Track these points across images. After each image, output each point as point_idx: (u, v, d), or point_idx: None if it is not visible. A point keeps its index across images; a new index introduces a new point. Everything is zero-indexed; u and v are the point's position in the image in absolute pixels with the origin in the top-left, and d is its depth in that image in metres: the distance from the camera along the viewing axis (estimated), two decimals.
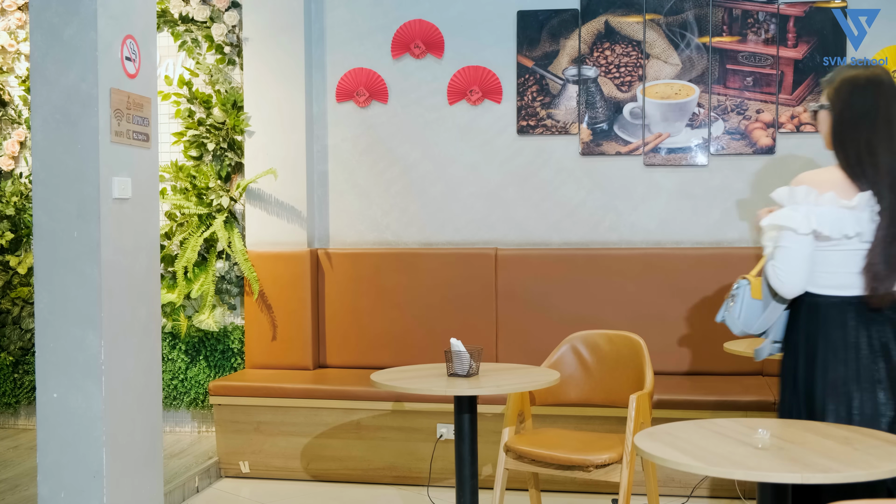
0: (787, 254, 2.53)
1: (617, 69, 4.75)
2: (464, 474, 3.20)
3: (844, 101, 2.52)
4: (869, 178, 2.47)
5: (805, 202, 2.50)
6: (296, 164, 4.92)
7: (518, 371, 3.45)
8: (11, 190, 5.22)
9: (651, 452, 2.20)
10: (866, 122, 2.48)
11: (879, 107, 2.48)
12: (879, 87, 2.50)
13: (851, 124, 2.49)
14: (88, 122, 3.21)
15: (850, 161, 2.50)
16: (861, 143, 2.48)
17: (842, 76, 2.56)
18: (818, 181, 2.53)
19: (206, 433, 5.08)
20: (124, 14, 3.36)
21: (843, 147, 2.52)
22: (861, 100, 2.51)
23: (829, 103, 2.57)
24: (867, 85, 2.51)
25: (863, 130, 2.48)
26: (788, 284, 2.56)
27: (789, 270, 2.54)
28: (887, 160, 2.46)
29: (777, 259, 2.56)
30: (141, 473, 3.45)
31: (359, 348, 4.89)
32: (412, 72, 4.95)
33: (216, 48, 5.03)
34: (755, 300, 2.67)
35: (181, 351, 5.06)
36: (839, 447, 2.24)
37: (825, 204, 2.49)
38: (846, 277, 2.52)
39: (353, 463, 4.45)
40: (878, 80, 2.51)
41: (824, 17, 4.59)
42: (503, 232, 4.89)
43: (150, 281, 3.53)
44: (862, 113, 2.50)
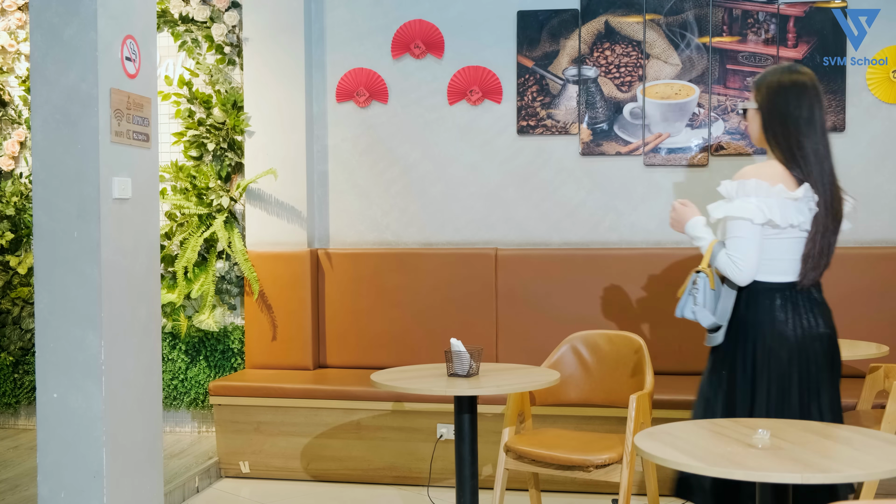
0: (742, 243, 2.69)
1: (617, 69, 4.75)
2: (464, 474, 3.20)
3: (772, 103, 2.75)
4: (802, 169, 2.70)
5: (756, 194, 2.66)
6: (296, 164, 4.92)
7: (518, 371, 3.45)
8: (11, 190, 5.22)
9: (651, 452, 2.20)
10: (791, 122, 2.71)
11: (803, 108, 2.71)
12: (804, 90, 2.73)
13: (780, 123, 2.73)
14: (88, 122, 3.21)
15: (785, 155, 2.73)
16: (791, 139, 2.71)
17: (768, 81, 2.79)
18: (766, 174, 2.70)
19: (207, 433, 5.08)
20: (124, 14, 3.36)
21: (777, 143, 2.75)
22: (786, 102, 2.72)
23: (758, 104, 2.79)
24: (791, 88, 2.74)
25: (791, 128, 2.71)
26: (746, 272, 2.71)
27: (746, 258, 2.69)
28: (813, 153, 2.71)
29: (733, 249, 2.71)
30: (141, 473, 3.45)
31: (359, 348, 4.89)
32: (412, 72, 4.95)
33: (216, 48, 5.03)
34: (711, 291, 2.79)
35: (181, 351, 5.06)
36: (839, 447, 2.24)
37: (775, 195, 2.66)
38: (786, 264, 2.73)
39: (354, 463, 4.45)
40: (802, 84, 2.74)
41: (824, 17, 4.59)
42: (503, 232, 4.89)
43: (150, 281, 3.53)
44: (788, 113, 2.72)
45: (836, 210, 2.74)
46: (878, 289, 4.46)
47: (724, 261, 2.74)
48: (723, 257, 2.75)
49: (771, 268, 2.73)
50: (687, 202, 2.94)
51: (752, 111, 2.83)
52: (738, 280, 2.74)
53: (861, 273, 4.48)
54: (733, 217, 2.70)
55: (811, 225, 2.72)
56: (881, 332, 4.33)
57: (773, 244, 2.72)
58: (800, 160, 2.70)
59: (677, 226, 2.96)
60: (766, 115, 2.77)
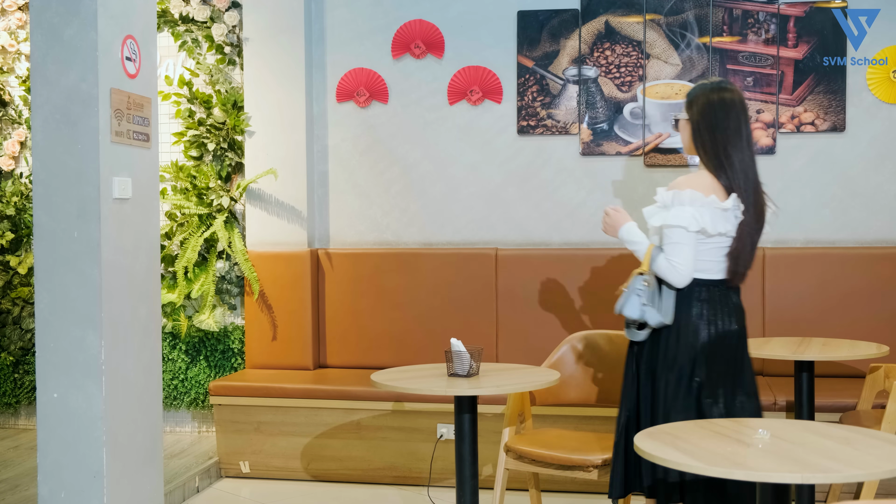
0: (681, 249, 2.89)
1: (617, 69, 4.75)
2: (464, 474, 3.20)
3: (703, 117, 2.97)
4: (728, 177, 2.92)
5: (691, 204, 2.87)
6: (296, 164, 4.93)
7: (518, 371, 3.45)
8: (12, 190, 5.22)
9: (651, 452, 2.20)
10: (720, 134, 2.93)
11: (730, 122, 2.94)
12: (732, 106, 2.96)
13: (710, 134, 2.95)
14: (89, 123, 3.21)
15: (713, 163, 2.94)
16: (719, 150, 2.93)
17: (700, 96, 3.00)
18: (700, 186, 2.90)
19: (207, 433, 5.08)
20: (124, 14, 3.36)
21: (706, 152, 2.96)
22: (716, 116, 2.95)
23: (689, 117, 3.01)
24: (720, 104, 2.95)
25: (719, 140, 2.93)
26: (685, 274, 2.90)
27: (684, 262, 2.89)
28: (739, 163, 2.92)
29: (672, 253, 2.89)
30: (141, 473, 3.45)
31: (359, 348, 4.89)
32: (412, 72, 4.95)
33: (216, 48, 5.03)
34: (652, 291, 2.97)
35: (181, 351, 5.06)
36: (839, 447, 2.24)
37: (708, 205, 2.87)
38: (712, 265, 2.93)
39: (354, 463, 4.45)
40: (730, 101, 2.96)
41: (824, 17, 4.59)
42: (503, 232, 4.89)
43: (151, 281, 3.53)
44: (717, 126, 2.95)
45: (759, 215, 2.97)
46: (878, 289, 4.46)
47: (664, 264, 2.92)
48: (662, 261, 2.92)
49: (699, 268, 2.93)
50: (619, 208, 3.13)
51: (684, 122, 3.03)
52: (676, 282, 2.91)
53: (861, 273, 4.48)
54: (670, 225, 2.89)
55: (736, 231, 2.93)
56: (881, 332, 4.33)
57: (702, 249, 2.91)
58: (727, 169, 2.92)
59: (611, 230, 3.12)
60: (697, 126, 2.97)
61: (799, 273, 4.53)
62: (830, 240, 4.63)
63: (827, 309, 4.49)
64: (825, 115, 4.60)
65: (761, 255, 4.56)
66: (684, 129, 3.04)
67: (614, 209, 3.12)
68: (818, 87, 4.60)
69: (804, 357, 3.61)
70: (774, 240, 4.66)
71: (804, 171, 4.65)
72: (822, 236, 4.64)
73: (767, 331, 4.54)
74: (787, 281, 4.54)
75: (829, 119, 4.60)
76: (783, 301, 4.53)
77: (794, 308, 4.52)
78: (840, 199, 4.63)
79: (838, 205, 4.63)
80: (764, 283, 4.55)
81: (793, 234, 4.66)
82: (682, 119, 3.04)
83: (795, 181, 4.65)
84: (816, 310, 4.50)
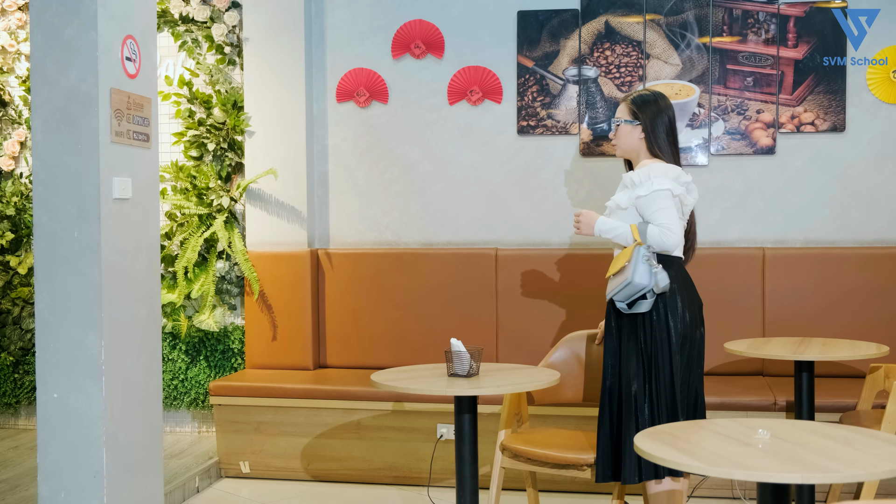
0: (669, 212, 3.13)
1: (617, 69, 4.75)
2: (464, 474, 3.20)
3: (658, 119, 3.33)
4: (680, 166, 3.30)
5: (665, 175, 3.15)
6: (296, 164, 4.93)
7: (518, 371, 3.45)
8: (11, 190, 5.22)
9: (651, 452, 2.20)
10: (674, 133, 3.34)
11: (672, 121, 3.35)
12: (673, 110, 3.37)
13: (669, 134, 3.33)
14: (88, 123, 3.21)
15: (674, 159, 3.30)
16: (675, 147, 3.33)
17: (648, 103, 3.34)
18: (664, 165, 3.22)
19: (207, 433, 5.08)
20: (124, 14, 3.36)
21: (660, 149, 3.31)
22: (671, 119, 3.34)
23: (641, 121, 3.33)
24: (669, 108, 3.35)
25: (675, 139, 3.34)
26: (678, 235, 3.15)
27: (675, 223, 3.14)
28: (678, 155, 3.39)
29: (662, 218, 3.12)
30: (141, 474, 3.45)
31: (359, 348, 4.89)
32: (412, 72, 4.95)
33: (216, 48, 5.03)
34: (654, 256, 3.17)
35: (181, 351, 5.06)
36: (839, 447, 2.24)
37: (678, 178, 3.19)
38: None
39: (354, 463, 4.45)
40: (672, 106, 3.37)
41: (824, 17, 4.59)
42: (503, 232, 4.89)
43: (151, 281, 3.53)
44: (671, 126, 3.34)
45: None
46: (878, 289, 4.46)
47: (655, 232, 3.13)
48: (653, 230, 3.13)
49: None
50: (583, 210, 3.35)
51: (629, 126, 3.33)
52: (671, 246, 3.16)
53: (861, 273, 4.48)
54: (655, 190, 3.13)
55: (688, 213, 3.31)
56: (881, 332, 4.33)
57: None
58: (678, 161, 3.33)
59: (587, 229, 3.32)
60: (654, 128, 3.31)
61: (799, 273, 4.53)
62: (830, 240, 4.63)
63: (827, 309, 4.49)
64: (825, 115, 4.60)
65: (761, 255, 4.56)
66: (631, 133, 3.33)
67: (579, 213, 3.35)
68: (818, 87, 4.60)
69: (804, 357, 3.61)
70: (774, 240, 4.66)
71: (804, 172, 4.65)
72: (822, 236, 4.64)
73: (767, 331, 4.54)
74: (786, 281, 4.54)
75: (829, 119, 4.60)
76: (783, 301, 4.53)
77: (794, 308, 4.52)
78: (840, 199, 4.63)
79: (838, 205, 4.63)
80: (764, 283, 4.55)
81: (793, 234, 4.66)
82: (629, 124, 3.33)
83: (795, 181, 4.65)
84: (816, 310, 4.50)
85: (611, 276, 3.18)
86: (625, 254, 3.12)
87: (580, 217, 3.34)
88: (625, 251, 3.13)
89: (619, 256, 3.15)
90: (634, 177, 3.20)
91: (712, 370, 4.56)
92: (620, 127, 3.36)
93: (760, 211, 4.68)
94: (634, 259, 3.06)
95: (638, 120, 3.33)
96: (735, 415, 4.02)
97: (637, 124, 3.33)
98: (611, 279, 3.18)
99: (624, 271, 3.08)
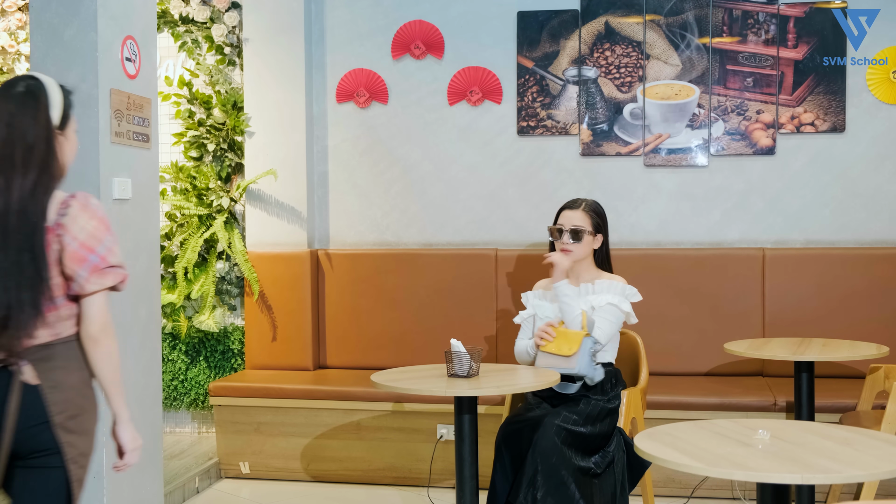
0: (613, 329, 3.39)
1: (617, 70, 4.75)
2: (464, 475, 3.20)
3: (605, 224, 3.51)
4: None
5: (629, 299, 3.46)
6: (296, 164, 4.93)
7: (518, 372, 3.45)
8: None
9: (651, 453, 2.20)
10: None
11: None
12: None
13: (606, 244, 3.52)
14: (88, 123, 3.21)
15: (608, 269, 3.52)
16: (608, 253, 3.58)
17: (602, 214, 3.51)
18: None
19: (207, 434, 5.08)
20: (124, 15, 3.36)
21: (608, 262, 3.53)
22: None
23: (604, 232, 3.45)
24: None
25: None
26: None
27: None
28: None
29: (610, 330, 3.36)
30: (141, 474, 3.45)
31: (359, 349, 4.89)
32: (412, 72, 4.95)
33: (216, 49, 5.03)
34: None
35: (181, 352, 5.06)
36: (839, 448, 2.24)
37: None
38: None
39: (354, 464, 4.45)
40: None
41: (824, 17, 4.59)
42: (503, 232, 4.89)
43: (151, 281, 3.53)
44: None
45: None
46: (878, 289, 4.46)
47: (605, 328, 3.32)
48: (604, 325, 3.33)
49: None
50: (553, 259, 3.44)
51: (592, 236, 3.44)
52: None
53: (861, 274, 4.48)
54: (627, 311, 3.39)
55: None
56: (881, 332, 4.33)
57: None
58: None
59: (559, 275, 3.40)
60: (606, 239, 3.48)
61: (799, 274, 4.53)
62: (830, 240, 4.63)
63: (827, 309, 4.49)
64: (825, 115, 4.60)
65: (761, 256, 4.56)
66: (594, 241, 3.46)
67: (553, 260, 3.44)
68: (818, 87, 4.60)
69: (804, 358, 3.61)
70: (774, 240, 4.66)
71: (804, 172, 4.65)
72: (822, 237, 4.64)
73: (767, 331, 4.54)
74: (787, 281, 4.54)
75: (829, 119, 4.60)
76: (783, 302, 4.53)
77: (794, 309, 4.52)
78: (840, 200, 4.63)
79: (838, 205, 4.63)
80: (764, 283, 4.55)
81: (793, 235, 4.66)
82: (593, 234, 3.45)
83: (795, 182, 4.65)
84: (816, 310, 4.50)
85: (549, 351, 3.26)
86: (574, 340, 3.20)
87: (559, 264, 3.42)
88: (574, 337, 3.21)
89: (568, 339, 3.22)
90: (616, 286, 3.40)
91: (712, 370, 4.56)
92: (585, 237, 3.43)
93: (760, 211, 4.68)
94: (583, 349, 3.19)
95: (601, 231, 3.48)
96: (735, 415, 4.02)
97: (602, 235, 3.49)
98: (550, 354, 3.25)
99: (571, 359, 3.20)
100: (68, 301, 2.20)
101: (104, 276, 2.20)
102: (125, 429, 2.32)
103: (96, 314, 2.21)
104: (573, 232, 3.42)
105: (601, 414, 3.22)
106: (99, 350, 2.23)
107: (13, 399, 2.12)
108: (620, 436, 3.26)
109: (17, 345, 2.13)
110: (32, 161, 2.19)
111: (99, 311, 2.21)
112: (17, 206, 2.14)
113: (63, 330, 2.21)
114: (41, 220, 2.16)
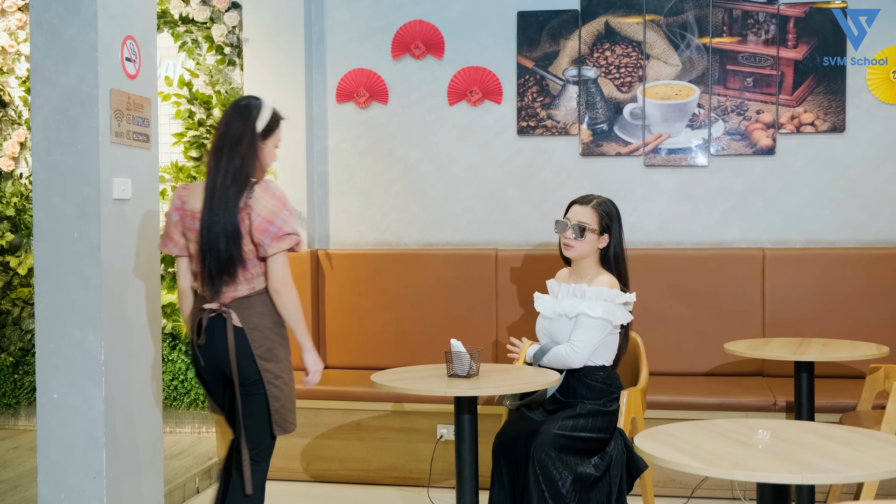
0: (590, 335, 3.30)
1: (617, 70, 4.75)
2: (464, 475, 3.20)
3: (620, 232, 3.39)
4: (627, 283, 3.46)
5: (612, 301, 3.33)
6: (296, 164, 4.92)
7: (518, 372, 3.45)
8: (11, 191, 5.22)
9: (651, 453, 2.20)
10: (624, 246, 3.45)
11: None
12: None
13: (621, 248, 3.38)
14: (88, 123, 3.21)
15: (621, 273, 3.39)
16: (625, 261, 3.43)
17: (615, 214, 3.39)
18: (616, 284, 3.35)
19: (207, 434, 5.08)
20: (124, 15, 3.36)
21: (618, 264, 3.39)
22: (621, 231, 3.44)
23: (612, 232, 3.35)
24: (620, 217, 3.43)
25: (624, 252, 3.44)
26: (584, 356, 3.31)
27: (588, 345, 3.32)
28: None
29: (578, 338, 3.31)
30: (141, 474, 3.45)
31: (359, 349, 4.89)
32: (412, 72, 4.95)
33: (216, 49, 5.03)
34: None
35: (181, 351, 5.05)
36: (839, 448, 2.24)
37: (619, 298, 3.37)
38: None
39: (354, 464, 4.44)
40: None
41: (824, 17, 4.59)
42: (503, 232, 4.89)
43: (151, 281, 3.54)
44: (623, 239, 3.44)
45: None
46: (878, 289, 4.46)
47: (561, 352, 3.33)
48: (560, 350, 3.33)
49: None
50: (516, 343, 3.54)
51: (596, 235, 3.35)
52: (573, 365, 3.30)
53: (861, 274, 4.48)
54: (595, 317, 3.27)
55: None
56: (881, 332, 4.33)
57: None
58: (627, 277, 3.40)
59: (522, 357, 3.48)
60: (617, 239, 3.37)
61: (799, 274, 4.52)
62: (830, 240, 4.63)
63: (827, 309, 4.49)
64: (825, 115, 4.60)
65: (761, 256, 4.56)
66: (599, 241, 3.36)
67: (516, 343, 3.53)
68: (818, 87, 4.60)
69: (804, 358, 3.61)
70: (774, 240, 4.67)
71: (804, 172, 4.65)
72: (822, 237, 4.64)
73: (767, 331, 4.54)
74: (787, 281, 4.54)
75: (829, 119, 4.60)
76: (783, 302, 4.53)
77: (794, 309, 4.52)
78: (840, 200, 4.63)
79: (838, 205, 4.63)
80: (764, 283, 4.55)
81: (793, 235, 4.66)
82: (598, 233, 3.35)
83: (795, 182, 4.65)
84: (816, 310, 4.50)
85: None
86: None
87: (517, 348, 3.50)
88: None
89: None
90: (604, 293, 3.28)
91: (712, 371, 4.56)
92: (587, 234, 3.36)
93: (760, 211, 4.68)
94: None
95: (609, 230, 3.39)
96: (735, 415, 4.02)
97: (608, 234, 3.39)
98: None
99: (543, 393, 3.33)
100: (259, 262, 2.90)
101: (282, 241, 2.86)
102: (308, 355, 3.06)
103: (277, 271, 2.89)
104: (577, 227, 3.36)
105: (598, 418, 3.21)
106: (281, 299, 2.92)
107: (229, 337, 2.87)
108: (621, 437, 3.25)
109: (226, 297, 2.91)
110: (236, 153, 2.90)
111: (279, 268, 2.89)
112: (221, 186, 2.85)
113: (257, 284, 2.93)
114: (237, 198, 2.84)
